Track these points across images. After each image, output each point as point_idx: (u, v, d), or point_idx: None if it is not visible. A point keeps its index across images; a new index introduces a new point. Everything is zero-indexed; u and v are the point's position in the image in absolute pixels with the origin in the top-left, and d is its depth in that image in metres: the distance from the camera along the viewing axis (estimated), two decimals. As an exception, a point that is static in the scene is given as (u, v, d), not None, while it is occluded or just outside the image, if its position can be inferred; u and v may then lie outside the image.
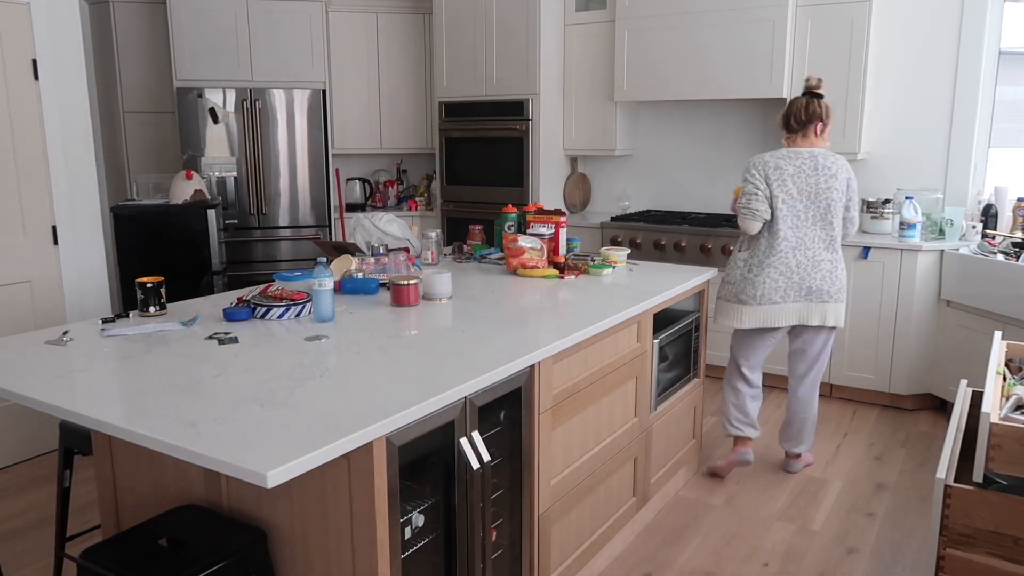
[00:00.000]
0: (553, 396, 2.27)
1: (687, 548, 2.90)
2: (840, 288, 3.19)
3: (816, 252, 3.16)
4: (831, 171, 3.12)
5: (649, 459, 2.98)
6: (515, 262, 3.15)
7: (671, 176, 5.32)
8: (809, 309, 3.19)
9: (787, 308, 3.19)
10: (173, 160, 5.40)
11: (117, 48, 5.21)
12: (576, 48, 5.20)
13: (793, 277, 3.16)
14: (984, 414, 1.89)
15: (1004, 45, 4.30)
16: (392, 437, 1.65)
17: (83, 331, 2.29)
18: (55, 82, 3.66)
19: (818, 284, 3.16)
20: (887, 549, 2.89)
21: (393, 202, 6.03)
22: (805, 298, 3.18)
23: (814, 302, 3.18)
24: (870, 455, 3.70)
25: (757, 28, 4.44)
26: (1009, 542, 1.87)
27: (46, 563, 2.79)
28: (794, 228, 3.14)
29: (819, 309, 3.19)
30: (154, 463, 2.06)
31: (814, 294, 3.17)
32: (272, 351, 2.07)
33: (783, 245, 3.15)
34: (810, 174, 3.11)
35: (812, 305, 3.19)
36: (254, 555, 1.72)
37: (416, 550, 1.83)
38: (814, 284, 3.16)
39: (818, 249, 3.16)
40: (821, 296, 3.17)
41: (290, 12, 5.22)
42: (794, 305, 3.19)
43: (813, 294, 3.17)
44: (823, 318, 3.19)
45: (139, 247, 4.03)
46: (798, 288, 3.17)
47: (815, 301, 3.18)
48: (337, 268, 2.86)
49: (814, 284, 3.16)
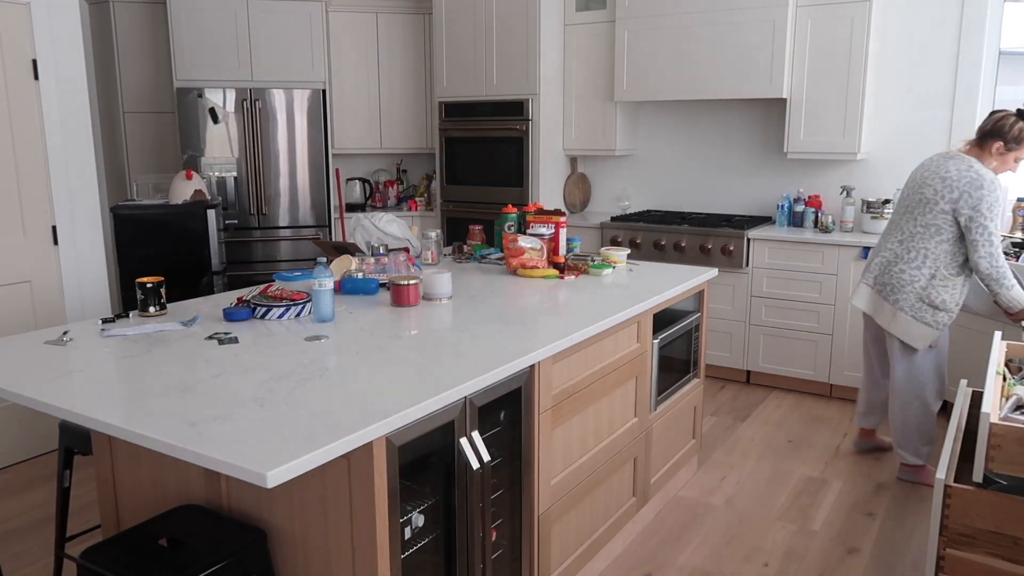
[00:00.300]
0: (553, 396, 2.27)
1: (687, 548, 2.90)
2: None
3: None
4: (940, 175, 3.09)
5: (649, 459, 2.98)
6: (515, 262, 3.15)
7: (671, 176, 5.32)
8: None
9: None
10: (173, 160, 5.40)
11: (117, 48, 5.21)
12: (576, 48, 5.20)
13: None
14: (984, 414, 1.89)
15: (1004, 45, 4.30)
16: (392, 437, 1.65)
17: (83, 331, 2.29)
18: (55, 82, 3.66)
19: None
20: (887, 549, 2.89)
21: (393, 202, 6.03)
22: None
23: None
24: (870, 455, 3.70)
25: (757, 28, 4.44)
26: (1009, 542, 1.88)
27: (46, 563, 2.79)
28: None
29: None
30: (154, 463, 2.06)
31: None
32: (272, 351, 2.07)
33: None
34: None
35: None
36: (254, 555, 1.72)
37: (416, 550, 1.83)
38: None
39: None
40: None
41: (290, 12, 5.22)
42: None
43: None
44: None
45: (139, 247, 4.02)
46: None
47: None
48: (337, 268, 2.86)
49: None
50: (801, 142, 4.50)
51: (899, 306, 3.17)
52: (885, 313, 3.23)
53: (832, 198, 4.73)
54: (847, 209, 4.46)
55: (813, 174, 4.80)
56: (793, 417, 4.18)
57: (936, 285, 3.10)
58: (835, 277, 4.29)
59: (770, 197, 4.97)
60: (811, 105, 4.44)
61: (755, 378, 4.71)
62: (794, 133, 4.51)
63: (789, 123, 4.52)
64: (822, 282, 4.33)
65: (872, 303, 3.29)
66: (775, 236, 4.41)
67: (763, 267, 4.49)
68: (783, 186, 4.91)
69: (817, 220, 4.58)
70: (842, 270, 4.26)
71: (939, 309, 3.11)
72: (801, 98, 4.46)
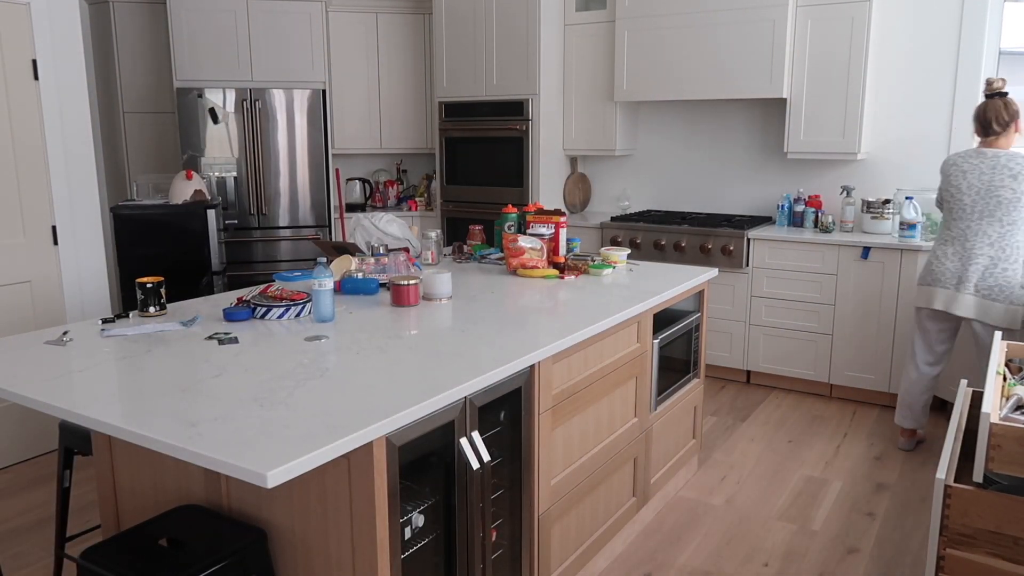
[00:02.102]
0: (553, 396, 2.27)
1: (687, 548, 2.90)
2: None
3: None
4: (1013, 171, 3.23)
5: (649, 459, 2.98)
6: (515, 262, 3.15)
7: (671, 176, 5.33)
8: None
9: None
10: (173, 160, 5.40)
11: (117, 48, 5.21)
12: (576, 48, 5.20)
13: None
14: (984, 414, 1.89)
15: (1004, 45, 4.30)
16: (392, 437, 1.65)
17: (83, 331, 2.29)
18: (55, 82, 3.66)
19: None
20: (887, 549, 2.89)
21: (393, 202, 6.03)
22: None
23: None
24: (870, 455, 3.70)
25: (757, 28, 4.44)
26: (1009, 542, 1.87)
27: (46, 563, 2.79)
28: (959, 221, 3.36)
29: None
30: (154, 463, 2.06)
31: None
32: (272, 351, 2.07)
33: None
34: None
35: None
36: (254, 555, 1.72)
37: (416, 550, 1.83)
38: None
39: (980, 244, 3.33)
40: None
41: (290, 12, 5.22)
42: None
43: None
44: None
45: (139, 247, 4.03)
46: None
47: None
48: (337, 268, 2.86)
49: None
50: (801, 142, 4.50)
51: (1010, 300, 3.27)
52: (997, 312, 3.30)
53: (832, 198, 4.73)
54: (847, 209, 4.46)
55: (813, 174, 4.80)
56: (793, 417, 4.18)
57: None
58: (835, 277, 4.29)
59: (770, 197, 4.97)
60: (811, 105, 4.44)
61: (755, 378, 4.71)
62: (794, 133, 4.51)
63: (789, 123, 4.52)
64: (822, 282, 4.33)
65: (980, 308, 3.35)
66: (775, 236, 4.41)
67: (763, 267, 4.49)
68: (783, 186, 4.91)
69: (817, 220, 4.58)
70: (842, 270, 4.26)
71: None
72: (801, 98, 4.46)
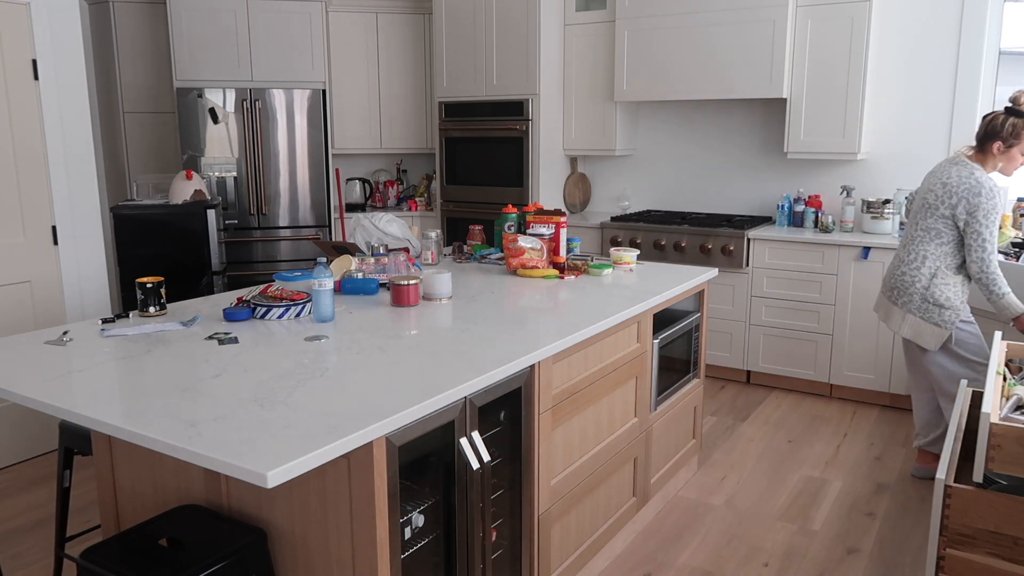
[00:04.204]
0: (553, 396, 2.27)
1: (687, 548, 2.90)
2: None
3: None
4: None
5: (649, 459, 2.98)
6: (515, 262, 3.15)
7: (671, 176, 5.32)
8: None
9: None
10: (173, 160, 5.40)
11: (117, 48, 5.21)
12: (576, 48, 5.20)
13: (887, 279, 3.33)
14: (984, 414, 1.89)
15: (1004, 45, 4.30)
16: (392, 437, 1.65)
17: (83, 331, 2.29)
18: (55, 82, 3.66)
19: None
20: (887, 549, 2.89)
21: (393, 202, 6.03)
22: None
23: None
24: (870, 455, 3.70)
25: (757, 28, 4.44)
26: (1009, 542, 1.87)
27: (46, 563, 2.79)
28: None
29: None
30: (154, 463, 2.06)
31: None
32: (272, 351, 2.07)
33: None
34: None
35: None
36: (254, 555, 1.72)
37: (416, 550, 1.83)
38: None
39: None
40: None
41: (290, 12, 5.22)
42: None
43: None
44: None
45: (139, 247, 4.03)
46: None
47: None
48: (337, 268, 2.86)
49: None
50: (801, 142, 4.50)
51: (907, 308, 3.20)
52: (896, 317, 3.25)
53: (832, 198, 4.73)
54: (847, 209, 4.46)
55: (813, 174, 4.80)
56: (793, 417, 4.18)
57: (938, 283, 3.11)
58: (835, 277, 4.29)
59: (770, 197, 4.97)
60: (811, 105, 4.44)
61: (755, 378, 4.71)
62: (794, 133, 4.51)
63: (789, 123, 4.52)
64: (822, 282, 4.33)
65: (884, 309, 3.32)
66: (775, 236, 4.41)
67: (763, 267, 4.49)
68: (783, 186, 4.91)
69: (817, 220, 4.58)
70: (842, 270, 4.26)
71: (944, 307, 3.12)
72: (801, 98, 4.46)
